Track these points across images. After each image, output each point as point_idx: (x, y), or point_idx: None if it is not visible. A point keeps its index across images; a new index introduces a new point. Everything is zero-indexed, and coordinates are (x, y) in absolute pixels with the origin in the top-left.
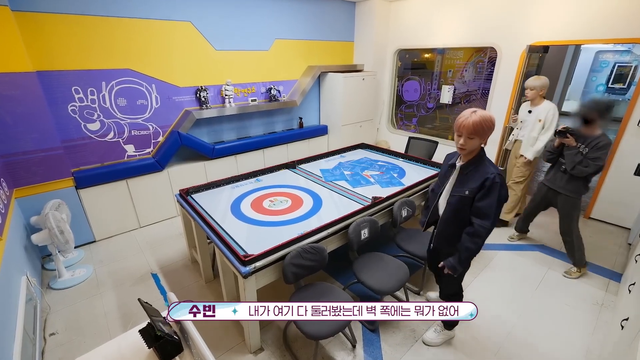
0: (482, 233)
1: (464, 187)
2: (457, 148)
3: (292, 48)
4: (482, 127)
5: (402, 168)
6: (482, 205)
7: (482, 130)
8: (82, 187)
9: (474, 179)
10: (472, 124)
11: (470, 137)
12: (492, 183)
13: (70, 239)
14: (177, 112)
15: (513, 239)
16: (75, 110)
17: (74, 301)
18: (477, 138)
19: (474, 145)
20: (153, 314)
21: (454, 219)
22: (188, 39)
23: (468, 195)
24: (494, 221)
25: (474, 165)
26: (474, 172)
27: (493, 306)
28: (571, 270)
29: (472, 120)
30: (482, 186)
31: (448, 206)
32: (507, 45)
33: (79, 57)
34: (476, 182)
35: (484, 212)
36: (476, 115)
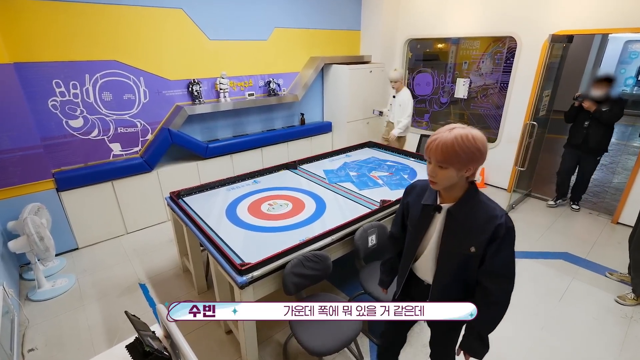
0: (504, 300)
1: (463, 240)
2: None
3: (293, 37)
4: (456, 152)
5: (413, 169)
6: (499, 263)
7: (457, 157)
8: (64, 190)
9: (475, 227)
10: (442, 147)
11: (441, 166)
12: (506, 230)
13: (51, 246)
14: (167, 107)
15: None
16: (56, 106)
17: (55, 314)
18: (451, 168)
19: (448, 178)
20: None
21: (455, 283)
22: (179, 27)
23: (474, 253)
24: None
25: (469, 206)
26: (470, 217)
27: (514, 318)
28: (626, 295)
29: (441, 142)
30: (494, 236)
31: (444, 267)
32: (527, 35)
33: (61, 47)
34: (483, 232)
35: (502, 273)
36: (450, 135)
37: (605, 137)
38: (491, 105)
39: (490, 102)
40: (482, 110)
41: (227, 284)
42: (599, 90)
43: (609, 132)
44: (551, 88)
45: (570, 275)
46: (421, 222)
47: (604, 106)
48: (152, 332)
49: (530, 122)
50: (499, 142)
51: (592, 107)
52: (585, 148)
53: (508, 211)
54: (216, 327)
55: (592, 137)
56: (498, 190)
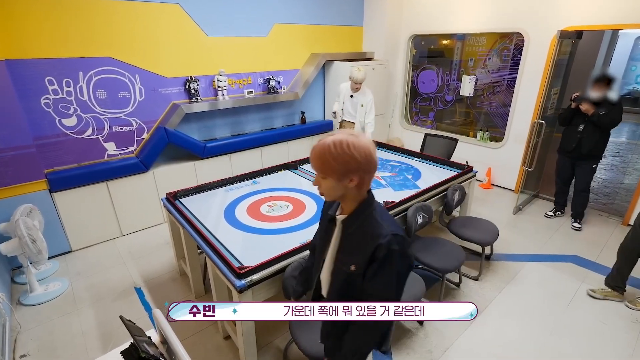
0: (372, 329)
1: (346, 257)
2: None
3: (294, 34)
4: (329, 160)
5: (417, 169)
6: (375, 287)
7: (330, 166)
8: (57, 191)
9: (360, 245)
10: (315, 155)
11: (321, 176)
12: (387, 252)
13: (44, 248)
14: (163, 105)
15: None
16: (49, 104)
17: (48, 319)
18: (330, 178)
19: (331, 188)
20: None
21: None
22: (176, 23)
23: (355, 272)
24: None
25: (360, 221)
26: (359, 232)
27: (520, 323)
28: (637, 300)
29: (316, 149)
30: (373, 257)
31: (333, 284)
32: (535, 31)
33: (54, 43)
34: (363, 251)
35: (377, 299)
36: (326, 142)
37: (600, 142)
38: (498, 104)
39: (496, 100)
40: (488, 109)
41: (226, 287)
42: (597, 91)
43: (605, 137)
44: (560, 86)
45: (580, 278)
46: (322, 233)
47: (602, 109)
48: (148, 338)
49: (538, 121)
50: (505, 141)
51: (591, 110)
52: (578, 154)
53: (515, 213)
54: (214, 332)
55: (585, 143)
56: (505, 191)
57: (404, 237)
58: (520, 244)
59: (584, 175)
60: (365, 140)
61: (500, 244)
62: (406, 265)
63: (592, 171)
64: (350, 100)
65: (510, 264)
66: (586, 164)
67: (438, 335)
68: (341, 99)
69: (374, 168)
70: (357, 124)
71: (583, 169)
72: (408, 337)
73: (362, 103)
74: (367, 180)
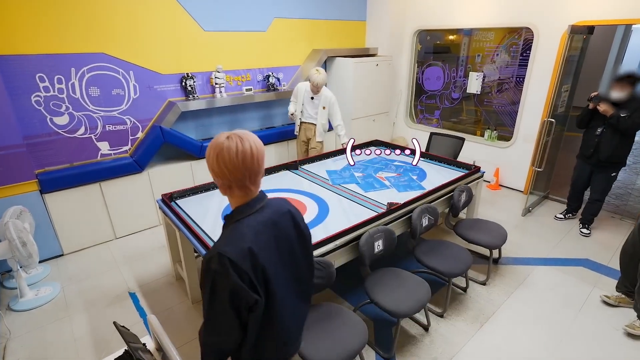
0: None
1: None
2: None
3: (294, 28)
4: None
5: (422, 169)
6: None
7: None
8: (48, 192)
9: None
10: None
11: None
12: (206, 268)
13: (34, 252)
14: (159, 103)
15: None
16: (39, 102)
17: (39, 325)
18: (217, 178)
19: (224, 191)
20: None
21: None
22: (172, 18)
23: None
24: (214, 330)
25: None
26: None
27: (530, 329)
28: (634, 324)
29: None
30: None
31: None
32: (545, 26)
33: (45, 39)
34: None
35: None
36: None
37: (620, 148)
38: (506, 101)
39: (505, 98)
40: (496, 107)
41: None
42: (619, 91)
43: (627, 142)
44: (570, 83)
45: (591, 283)
46: None
47: (624, 111)
48: (142, 345)
49: (548, 120)
50: (514, 140)
51: (609, 111)
52: (596, 160)
53: (524, 214)
54: None
55: (603, 148)
56: (513, 192)
57: (233, 261)
58: (530, 247)
59: (600, 184)
60: (225, 144)
61: (509, 247)
62: (224, 290)
63: (610, 180)
64: (311, 102)
65: (519, 268)
66: (604, 171)
67: (444, 342)
68: (299, 100)
69: (245, 176)
70: (319, 125)
71: (600, 177)
72: (413, 344)
73: (324, 105)
74: (234, 185)
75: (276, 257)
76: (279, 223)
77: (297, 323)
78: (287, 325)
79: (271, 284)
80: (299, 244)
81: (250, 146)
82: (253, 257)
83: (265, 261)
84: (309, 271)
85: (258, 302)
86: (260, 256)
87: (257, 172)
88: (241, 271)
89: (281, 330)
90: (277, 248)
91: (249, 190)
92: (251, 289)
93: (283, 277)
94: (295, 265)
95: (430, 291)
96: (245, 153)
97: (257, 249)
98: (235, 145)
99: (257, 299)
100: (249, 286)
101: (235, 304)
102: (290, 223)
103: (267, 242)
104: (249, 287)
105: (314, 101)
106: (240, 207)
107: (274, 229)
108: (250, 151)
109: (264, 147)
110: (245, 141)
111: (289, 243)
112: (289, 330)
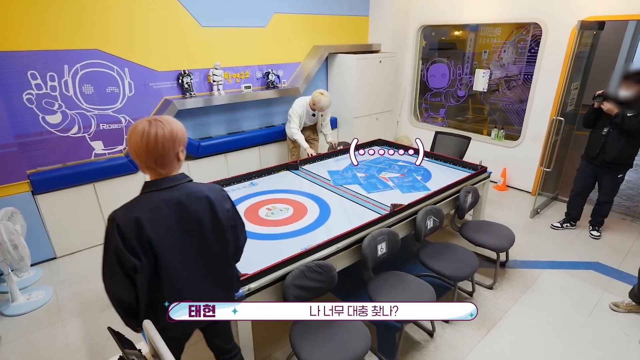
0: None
1: None
2: None
3: (294, 24)
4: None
5: (427, 169)
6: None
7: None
8: (40, 193)
9: None
10: None
11: None
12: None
13: (26, 255)
14: (154, 101)
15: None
16: (31, 100)
17: (31, 330)
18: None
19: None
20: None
21: None
22: (168, 13)
23: None
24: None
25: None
26: None
27: (538, 335)
28: None
29: None
30: None
31: None
32: (554, 21)
33: (37, 34)
34: None
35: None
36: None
37: (627, 149)
38: (514, 99)
39: (512, 96)
40: (503, 105)
41: None
42: (626, 89)
43: (634, 143)
44: (580, 80)
45: (602, 287)
46: None
47: (631, 110)
48: (138, 351)
49: (557, 118)
50: (522, 140)
51: (614, 110)
52: (602, 162)
53: (532, 216)
54: None
55: (609, 148)
56: (521, 193)
57: (120, 226)
58: (538, 250)
59: (607, 186)
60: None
61: (516, 250)
62: (111, 249)
63: (617, 181)
64: (311, 116)
65: (527, 272)
66: (611, 173)
67: (449, 348)
68: (302, 123)
69: (150, 159)
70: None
71: (606, 179)
72: (417, 350)
73: (322, 114)
74: (143, 166)
75: (176, 236)
76: (188, 205)
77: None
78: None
79: (161, 257)
80: (213, 230)
81: (157, 132)
82: (139, 227)
83: (154, 234)
84: (225, 258)
85: (137, 267)
86: (149, 228)
87: (162, 156)
88: (124, 236)
89: (174, 301)
90: (180, 227)
91: (157, 172)
92: (131, 253)
93: (184, 255)
94: (207, 249)
95: (435, 295)
96: (150, 138)
97: (145, 221)
98: (142, 130)
99: (136, 263)
100: (130, 251)
101: (120, 263)
102: (206, 208)
103: (165, 218)
104: (130, 252)
105: (314, 117)
106: (147, 183)
107: (180, 210)
108: (155, 136)
109: (184, 131)
110: (153, 126)
111: (200, 226)
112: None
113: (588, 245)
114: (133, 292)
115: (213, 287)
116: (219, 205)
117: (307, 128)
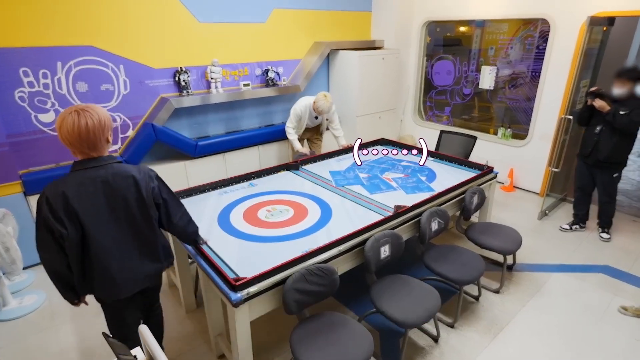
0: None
1: None
2: None
3: (295, 20)
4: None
5: (431, 169)
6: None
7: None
8: (33, 194)
9: None
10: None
11: None
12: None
13: (18, 258)
14: (150, 99)
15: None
16: (23, 98)
17: (23, 336)
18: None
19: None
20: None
21: None
22: (165, 8)
23: None
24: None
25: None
26: None
27: (546, 340)
28: None
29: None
30: None
31: None
32: (562, 17)
33: (29, 31)
34: None
35: None
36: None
37: (619, 148)
38: (521, 97)
39: (520, 94)
40: (510, 103)
41: (220, 301)
42: (619, 87)
43: (626, 141)
44: (589, 77)
45: (611, 291)
46: None
47: (624, 108)
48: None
49: (566, 117)
50: (530, 139)
51: (605, 108)
52: (595, 160)
53: (540, 218)
54: (206, 350)
55: (602, 147)
56: (529, 194)
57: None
58: (546, 252)
59: (603, 186)
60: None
61: (524, 253)
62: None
63: (612, 180)
64: (313, 119)
65: (534, 275)
66: (605, 172)
67: (455, 354)
68: (303, 124)
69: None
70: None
71: (602, 179)
72: (421, 356)
73: (327, 117)
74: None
75: (102, 210)
76: (113, 184)
77: (129, 272)
78: (110, 268)
79: (86, 227)
80: (138, 206)
81: (87, 122)
82: (65, 199)
83: (80, 207)
84: (150, 231)
85: (63, 235)
86: (74, 202)
87: (94, 143)
88: (52, 207)
89: (102, 269)
90: (106, 203)
91: (89, 155)
92: (58, 222)
93: (111, 229)
94: (133, 223)
95: (440, 300)
96: (81, 128)
97: (71, 195)
98: (72, 121)
99: (63, 232)
100: (56, 219)
101: (48, 230)
102: (132, 188)
103: (91, 194)
104: (56, 220)
105: (317, 119)
106: (75, 162)
107: (105, 187)
108: (86, 126)
109: (109, 117)
110: (82, 117)
111: (125, 203)
112: (113, 273)
113: (597, 247)
114: (65, 261)
115: (140, 258)
116: (144, 184)
117: (310, 129)
